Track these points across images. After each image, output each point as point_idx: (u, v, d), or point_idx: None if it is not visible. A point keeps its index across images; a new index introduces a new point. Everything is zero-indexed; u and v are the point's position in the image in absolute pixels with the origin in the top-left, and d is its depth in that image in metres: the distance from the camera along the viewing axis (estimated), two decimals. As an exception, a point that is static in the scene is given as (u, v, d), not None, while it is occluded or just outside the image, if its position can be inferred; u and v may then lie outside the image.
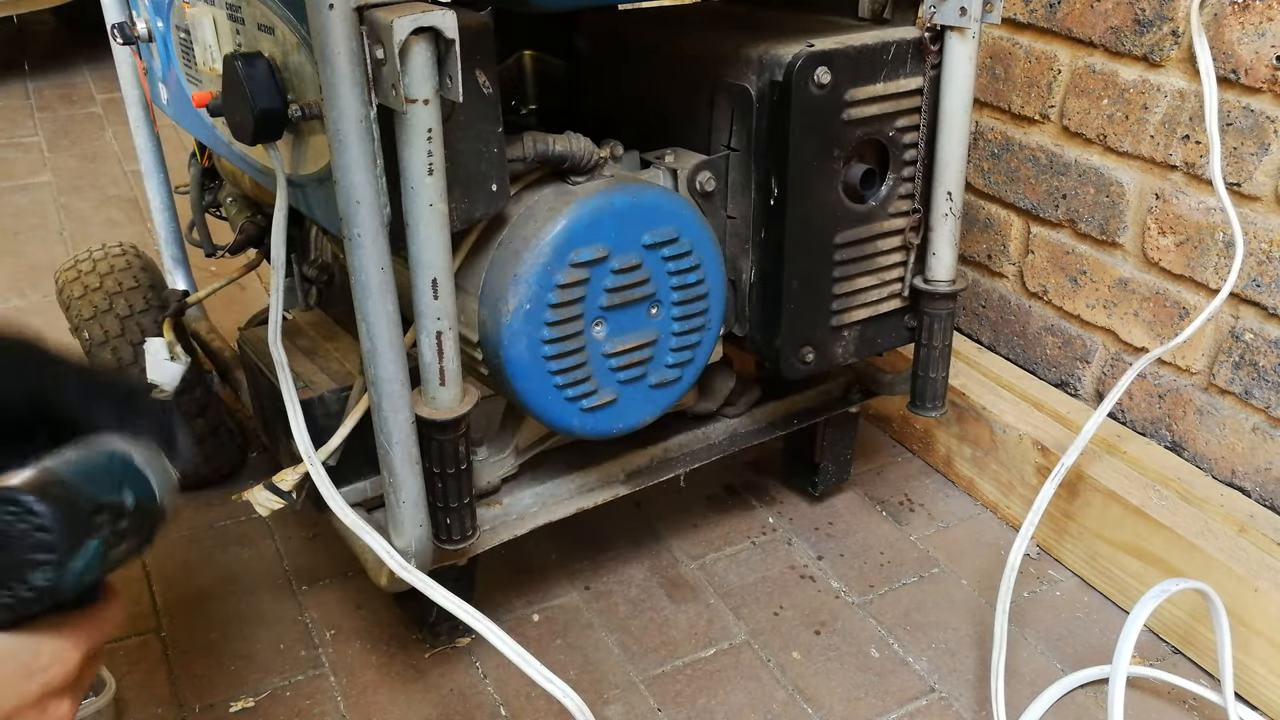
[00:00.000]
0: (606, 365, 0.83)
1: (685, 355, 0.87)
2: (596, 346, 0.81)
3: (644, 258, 0.81)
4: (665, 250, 0.81)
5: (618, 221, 0.79)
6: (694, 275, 0.84)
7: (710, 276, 0.85)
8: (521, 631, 0.99)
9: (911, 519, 1.16)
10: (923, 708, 0.92)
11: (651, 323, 0.84)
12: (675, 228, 0.81)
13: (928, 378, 0.97)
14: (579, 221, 0.77)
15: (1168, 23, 1.00)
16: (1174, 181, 1.03)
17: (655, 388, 0.86)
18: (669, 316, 0.84)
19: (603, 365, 0.82)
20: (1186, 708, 0.92)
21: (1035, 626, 1.01)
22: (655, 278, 0.82)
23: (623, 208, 0.79)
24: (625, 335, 0.83)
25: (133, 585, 1.05)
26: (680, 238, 0.82)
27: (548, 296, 0.77)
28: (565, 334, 0.79)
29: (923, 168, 0.90)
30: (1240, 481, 1.03)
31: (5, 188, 2.06)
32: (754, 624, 1.01)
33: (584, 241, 0.77)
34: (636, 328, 0.83)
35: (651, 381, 0.86)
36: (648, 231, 0.80)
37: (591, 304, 0.80)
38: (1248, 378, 1.00)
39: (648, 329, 0.84)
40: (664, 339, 0.85)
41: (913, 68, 0.86)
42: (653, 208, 0.80)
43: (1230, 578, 0.91)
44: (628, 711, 0.92)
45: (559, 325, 0.78)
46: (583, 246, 0.77)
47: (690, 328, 0.86)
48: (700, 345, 0.87)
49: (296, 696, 0.93)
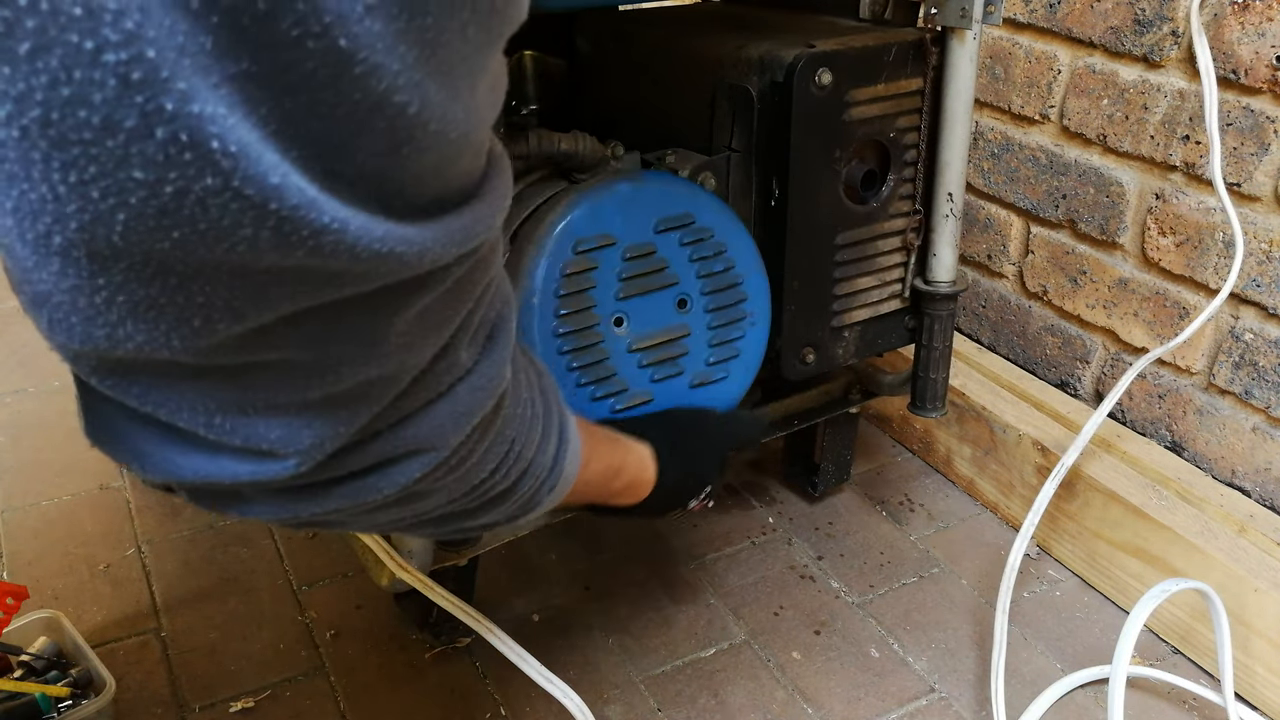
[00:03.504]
0: (634, 362, 0.80)
1: (727, 351, 0.84)
2: (618, 341, 0.79)
3: (657, 243, 0.79)
4: (681, 234, 0.79)
5: (622, 206, 0.77)
6: (719, 263, 0.82)
7: (742, 263, 0.83)
8: (521, 631, 0.99)
9: (911, 519, 1.16)
10: (923, 708, 0.92)
11: (680, 316, 0.81)
12: (687, 211, 0.79)
13: (928, 378, 0.97)
14: (580, 207, 0.76)
15: (1168, 23, 1.00)
16: (1174, 181, 1.03)
17: (696, 387, 0.84)
18: (701, 309, 0.82)
19: (629, 362, 0.80)
20: (1186, 708, 0.92)
21: (1035, 626, 1.01)
22: (675, 266, 0.80)
23: (626, 193, 0.77)
24: (650, 330, 0.80)
25: (133, 585, 1.05)
26: (695, 221, 0.80)
27: (555, 286, 0.75)
28: (579, 326, 0.77)
29: (923, 168, 0.90)
30: (1240, 481, 1.03)
31: (4, 187, 2.06)
32: (754, 624, 1.01)
33: (588, 228, 0.76)
34: (662, 321, 0.81)
35: (690, 380, 0.83)
36: (657, 216, 0.78)
37: (605, 294, 0.78)
38: (1248, 378, 1.00)
39: (676, 322, 0.81)
40: (698, 333, 0.82)
41: (913, 69, 0.86)
42: (659, 192, 0.79)
43: (1230, 578, 0.91)
44: (628, 711, 0.92)
45: (571, 317, 0.76)
46: (587, 234, 0.76)
47: (726, 320, 0.83)
48: (745, 339, 0.85)
49: (296, 696, 0.93)
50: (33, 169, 0.29)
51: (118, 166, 0.29)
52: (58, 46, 0.27)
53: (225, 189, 0.29)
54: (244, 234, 0.31)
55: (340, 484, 0.44)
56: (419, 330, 0.40)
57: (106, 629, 1.00)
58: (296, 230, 0.31)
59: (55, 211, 0.29)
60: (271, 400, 0.38)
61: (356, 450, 0.43)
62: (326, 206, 0.31)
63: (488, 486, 0.52)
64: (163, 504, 1.17)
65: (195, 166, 0.29)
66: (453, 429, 0.46)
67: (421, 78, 0.32)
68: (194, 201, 0.29)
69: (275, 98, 0.29)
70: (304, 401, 0.39)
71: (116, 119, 0.28)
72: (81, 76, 0.27)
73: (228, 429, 0.38)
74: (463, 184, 0.38)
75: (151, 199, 0.29)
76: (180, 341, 0.33)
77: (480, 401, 0.47)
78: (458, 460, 0.48)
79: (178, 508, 1.16)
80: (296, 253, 0.32)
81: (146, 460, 0.40)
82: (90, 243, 0.30)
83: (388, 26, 0.30)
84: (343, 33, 0.29)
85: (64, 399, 1.36)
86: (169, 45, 0.27)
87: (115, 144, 0.28)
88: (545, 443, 0.56)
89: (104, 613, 1.02)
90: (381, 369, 0.40)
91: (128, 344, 0.33)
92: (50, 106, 0.28)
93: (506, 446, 0.52)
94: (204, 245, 0.31)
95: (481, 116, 0.37)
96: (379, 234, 0.33)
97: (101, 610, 1.02)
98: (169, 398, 0.37)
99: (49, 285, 0.31)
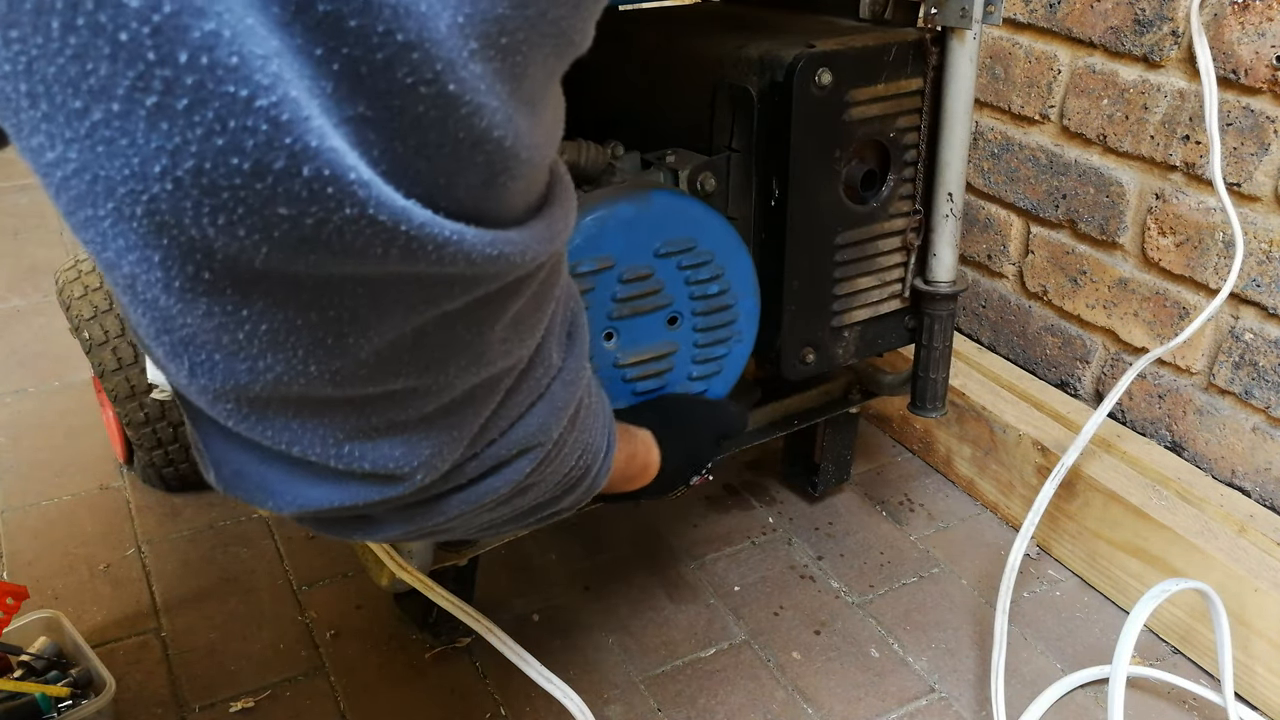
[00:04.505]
0: (619, 376, 0.80)
1: (711, 367, 0.84)
2: (607, 357, 0.79)
3: (656, 267, 0.78)
4: (681, 259, 0.78)
5: (624, 229, 0.76)
6: (715, 286, 0.81)
7: (737, 286, 0.82)
8: (521, 631, 0.99)
9: (911, 519, 1.16)
10: (923, 708, 0.92)
11: (670, 333, 0.81)
12: (690, 236, 0.78)
13: (928, 378, 0.97)
14: (580, 230, 0.74)
15: (1168, 23, 1.00)
16: (1174, 181, 1.03)
17: None
18: (690, 328, 0.81)
19: (615, 376, 0.80)
20: (1186, 708, 0.92)
21: (1035, 626, 1.01)
22: (671, 288, 0.79)
23: (628, 215, 0.76)
24: (640, 346, 0.80)
25: (133, 585, 1.05)
26: (697, 246, 0.79)
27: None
28: None
29: (923, 168, 0.90)
30: (1240, 481, 1.03)
31: (6, 188, 2.06)
32: (754, 624, 1.01)
33: (586, 251, 0.75)
34: (652, 339, 0.81)
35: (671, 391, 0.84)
36: (659, 239, 0.77)
37: (598, 314, 0.78)
38: (1248, 378, 1.00)
39: (666, 339, 0.81)
40: (685, 349, 0.82)
41: (913, 69, 0.86)
42: (664, 214, 0.77)
43: (1230, 578, 0.91)
44: (628, 711, 0.92)
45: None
46: (585, 256, 0.75)
47: (714, 340, 0.83)
48: (729, 355, 0.85)
49: (296, 696, 0.93)
50: (184, 217, 0.30)
51: (264, 205, 0.30)
52: (215, 99, 0.28)
53: (361, 217, 0.31)
54: (375, 252, 0.33)
55: (460, 490, 0.47)
56: (515, 334, 0.44)
57: (106, 629, 1.00)
58: (423, 245, 0.33)
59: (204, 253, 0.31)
60: (393, 419, 0.41)
61: (474, 460, 0.46)
62: (442, 224, 0.34)
63: (574, 473, 0.57)
64: (163, 504, 1.17)
65: (335, 199, 0.31)
66: (555, 424, 0.51)
67: (513, 111, 0.34)
68: (333, 230, 0.32)
69: (387, 140, 0.31)
70: (421, 416, 0.41)
71: (266, 161, 0.29)
72: (236, 125, 0.29)
73: (356, 455, 0.41)
74: (541, 192, 0.41)
75: (293, 230, 0.31)
76: (316, 366, 0.36)
77: (572, 394, 0.51)
78: (556, 451, 0.52)
79: (178, 508, 1.16)
80: (420, 264, 0.34)
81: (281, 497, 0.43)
82: (234, 275, 0.32)
83: (488, 66, 0.32)
84: (452, 78, 0.31)
85: (64, 399, 1.36)
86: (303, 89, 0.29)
87: (264, 186, 0.30)
88: (604, 429, 0.60)
89: (104, 613, 1.02)
90: (487, 373, 0.43)
91: (268, 375, 0.35)
92: (204, 157, 0.29)
93: (587, 435, 0.56)
94: (337, 263, 0.33)
95: (554, 136, 0.40)
96: (489, 239, 0.36)
97: (101, 610, 1.02)
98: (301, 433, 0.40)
99: (193, 328, 0.33)
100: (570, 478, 0.57)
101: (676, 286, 0.80)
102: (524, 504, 0.55)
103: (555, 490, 0.56)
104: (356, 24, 0.29)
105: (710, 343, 0.83)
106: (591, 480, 0.60)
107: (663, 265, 0.78)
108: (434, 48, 0.30)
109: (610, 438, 0.62)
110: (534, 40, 0.33)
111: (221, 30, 0.28)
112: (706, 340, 0.83)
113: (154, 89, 0.28)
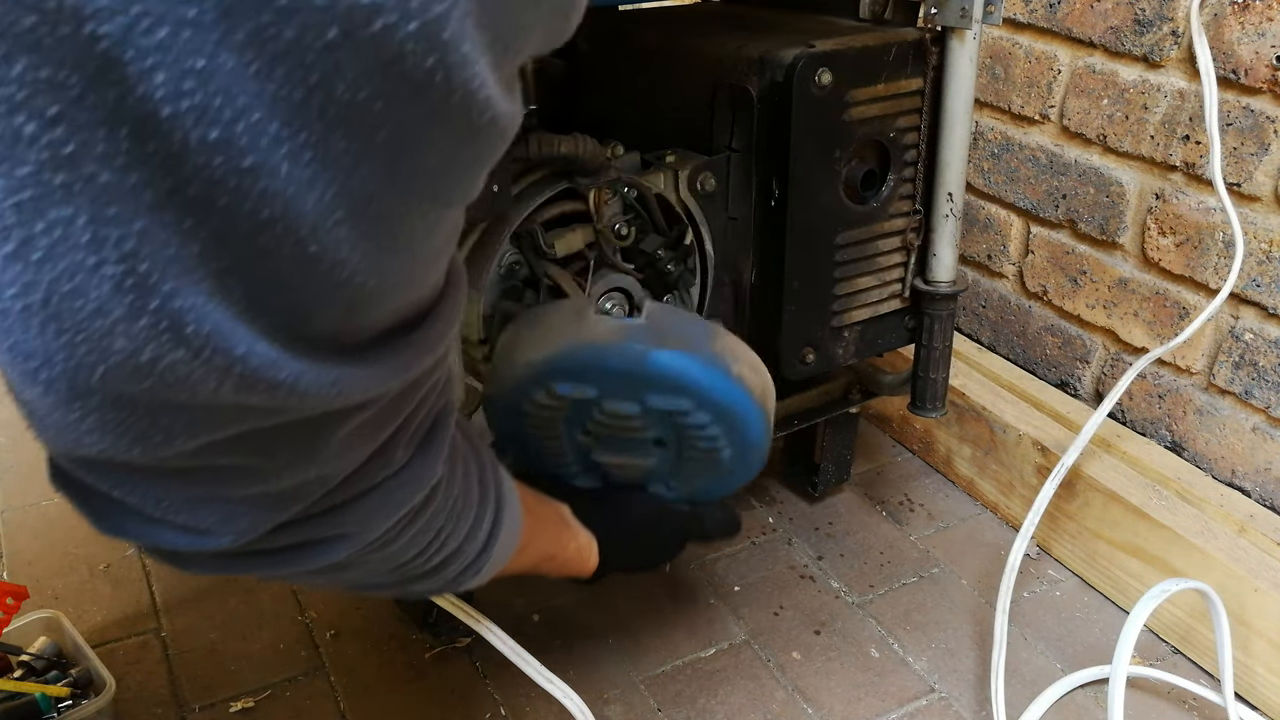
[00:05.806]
0: (594, 466, 0.79)
1: (689, 490, 0.81)
2: (581, 449, 0.77)
3: (645, 415, 0.72)
4: (675, 419, 0.72)
5: (611, 378, 0.69)
6: (707, 444, 0.74)
7: (733, 445, 0.75)
8: (521, 631, 0.98)
9: (911, 519, 1.16)
10: (923, 708, 0.92)
11: (652, 454, 0.77)
12: (692, 403, 0.70)
13: (928, 378, 0.97)
14: (565, 359, 0.69)
15: (1168, 23, 1.00)
16: (1174, 181, 1.03)
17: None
18: (675, 455, 0.77)
19: (589, 465, 0.78)
20: (1186, 708, 0.92)
21: (1035, 626, 1.01)
22: (655, 427, 0.73)
23: (618, 368, 0.68)
24: (618, 454, 0.77)
25: (133, 585, 1.05)
26: (695, 412, 0.71)
27: (523, 405, 0.72)
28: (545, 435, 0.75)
29: (923, 168, 0.90)
30: (1240, 481, 1.03)
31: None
32: (754, 624, 1.01)
33: (568, 379, 0.70)
34: (631, 452, 0.76)
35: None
36: (653, 395, 0.70)
37: (574, 425, 0.74)
38: (1248, 378, 1.00)
39: (646, 457, 0.77)
40: (663, 472, 0.79)
41: (913, 69, 0.86)
42: (661, 379, 0.69)
43: (1230, 578, 0.91)
44: (628, 711, 0.92)
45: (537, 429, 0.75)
46: (566, 382, 0.70)
47: (696, 476, 0.79)
48: (710, 490, 0.82)
49: (296, 696, 0.93)
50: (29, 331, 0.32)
51: (103, 338, 0.33)
52: (63, 260, 0.31)
53: (195, 359, 0.34)
54: (208, 386, 0.35)
55: (271, 555, 0.47)
56: (358, 439, 0.44)
57: (106, 629, 1.00)
58: (255, 384, 0.35)
59: (43, 358, 0.33)
60: (214, 495, 0.42)
61: (286, 530, 0.46)
62: (285, 364, 0.35)
63: (412, 568, 0.55)
64: (163, 504, 1.17)
65: (170, 344, 0.33)
66: (380, 518, 0.49)
67: (380, 260, 0.35)
68: (165, 366, 0.34)
69: (247, 286, 0.34)
70: (243, 497, 0.42)
71: (108, 309, 0.32)
72: (82, 281, 0.31)
73: (172, 511, 0.42)
74: (422, 308, 0.42)
75: (128, 361, 0.33)
76: (140, 452, 0.37)
77: (410, 495, 0.50)
78: (381, 544, 0.51)
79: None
80: (253, 398, 0.36)
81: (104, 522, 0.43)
82: (71, 383, 0.34)
83: (354, 230, 0.33)
84: (314, 240, 0.33)
85: (64, 399, 1.35)
86: (161, 256, 0.32)
87: (103, 324, 0.32)
88: (476, 530, 0.59)
89: (104, 613, 1.02)
90: (319, 471, 0.43)
91: (94, 448, 0.37)
92: (52, 293, 0.31)
93: (432, 535, 0.54)
94: (170, 392, 0.35)
95: (440, 262, 0.41)
96: (331, 379, 0.37)
97: (101, 610, 1.02)
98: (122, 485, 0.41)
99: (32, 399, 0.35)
100: (410, 571, 0.55)
101: (665, 428, 0.74)
102: (353, 580, 0.54)
103: (394, 577, 0.55)
104: (225, 203, 0.31)
105: (691, 477, 0.80)
106: (452, 578, 0.59)
107: (653, 414, 0.72)
108: (297, 220, 0.32)
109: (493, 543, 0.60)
110: (408, 204, 0.35)
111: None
112: (689, 474, 0.79)
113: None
